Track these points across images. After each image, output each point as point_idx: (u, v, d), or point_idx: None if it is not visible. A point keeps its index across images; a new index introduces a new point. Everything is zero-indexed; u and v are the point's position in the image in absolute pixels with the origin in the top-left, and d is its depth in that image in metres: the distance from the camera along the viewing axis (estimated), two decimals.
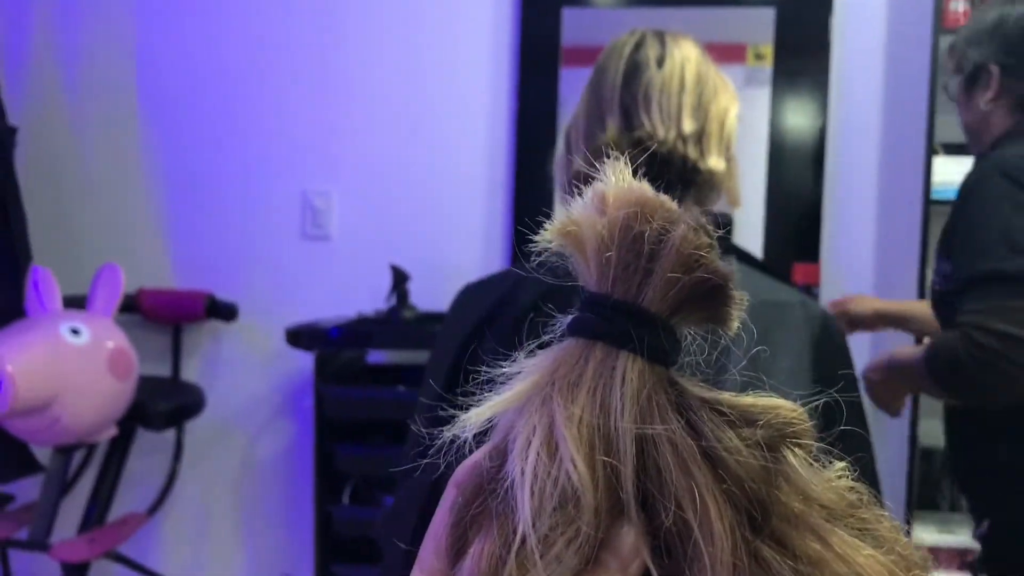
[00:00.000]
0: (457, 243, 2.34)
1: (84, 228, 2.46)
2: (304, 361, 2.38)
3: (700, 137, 1.11)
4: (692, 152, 1.10)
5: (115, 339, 1.96)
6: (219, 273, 2.40)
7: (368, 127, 2.36)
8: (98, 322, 1.96)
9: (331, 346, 1.99)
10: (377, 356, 2.34)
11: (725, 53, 2.17)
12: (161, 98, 2.43)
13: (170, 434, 2.34)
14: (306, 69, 2.37)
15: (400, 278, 2.12)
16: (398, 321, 2.07)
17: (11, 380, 1.72)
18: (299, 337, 2.01)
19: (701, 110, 1.12)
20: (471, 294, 1.20)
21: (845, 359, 1.06)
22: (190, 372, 2.43)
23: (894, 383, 1.46)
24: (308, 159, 2.38)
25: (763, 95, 2.19)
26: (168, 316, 2.33)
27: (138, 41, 2.42)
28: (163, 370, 2.39)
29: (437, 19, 2.32)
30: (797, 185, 2.21)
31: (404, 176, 2.35)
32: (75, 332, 1.88)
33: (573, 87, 2.25)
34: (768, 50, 2.20)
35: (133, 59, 2.43)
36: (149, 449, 2.37)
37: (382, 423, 2.01)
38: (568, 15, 2.24)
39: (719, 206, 1.19)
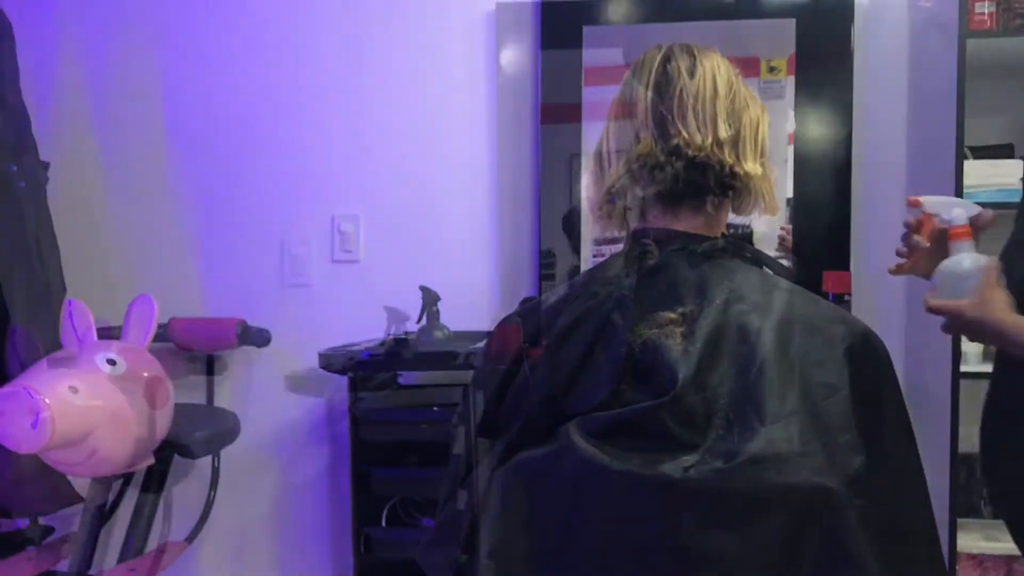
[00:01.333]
0: (484, 262, 2.35)
1: (115, 260, 2.48)
2: (338, 384, 2.38)
3: (736, 142, 1.12)
4: (728, 157, 1.11)
5: (151, 368, 1.97)
6: (250, 299, 2.41)
7: (393, 149, 2.38)
8: (133, 352, 1.97)
9: (365, 369, 1.99)
10: (409, 377, 2.35)
11: (738, 67, 2.17)
12: (188, 128, 2.45)
13: (203, 461, 2.35)
14: (331, 94, 2.40)
15: (430, 299, 2.13)
16: (430, 342, 2.07)
17: (49, 413, 1.73)
18: (332, 361, 2.02)
19: (735, 116, 1.13)
20: (517, 321, 1.22)
21: (887, 377, 1.06)
22: (223, 399, 2.44)
23: (979, 335, 1.30)
24: (336, 183, 2.40)
25: (776, 107, 2.18)
26: (201, 344, 2.34)
27: (165, 72, 2.46)
28: (198, 397, 2.40)
29: (460, 44, 2.34)
30: (824, 194, 2.20)
31: (429, 197, 2.37)
32: (111, 363, 1.89)
33: (594, 101, 2.26)
34: (782, 63, 2.20)
35: (160, 90, 2.46)
36: (182, 476, 2.38)
37: (417, 444, 2.01)
38: (588, 32, 2.25)
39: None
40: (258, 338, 2.28)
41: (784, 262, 2.12)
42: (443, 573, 1.08)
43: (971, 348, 2.04)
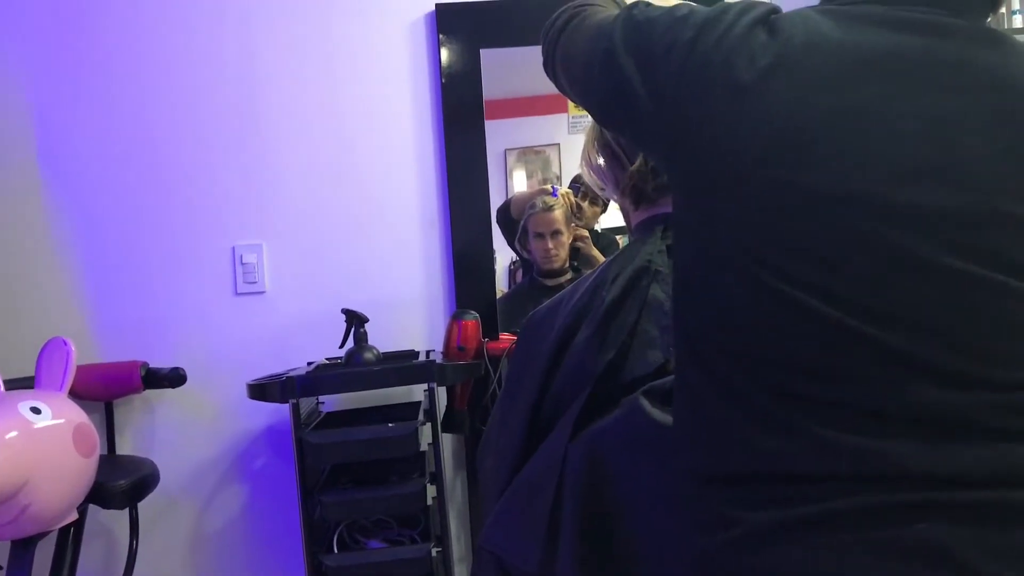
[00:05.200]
0: (396, 284, 2.36)
1: None
2: (253, 421, 2.32)
3: None
4: None
5: (76, 415, 1.85)
6: (151, 341, 2.30)
7: (293, 175, 2.35)
8: (54, 399, 1.84)
9: (304, 394, 1.95)
10: (329, 406, 2.32)
11: None
12: (66, 163, 2.30)
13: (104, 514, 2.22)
14: (226, 121, 2.33)
15: (357, 321, 2.12)
16: (362, 362, 2.07)
17: None
18: (265, 390, 1.96)
19: None
20: (542, 315, 1.28)
21: None
22: (124, 447, 2.31)
23: None
24: (236, 211, 2.34)
25: None
26: (103, 391, 2.20)
27: (36, 104, 2.30)
28: None
29: (358, 63, 2.36)
30: None
31: (334, 222, 2.35)
32: (36, 411, 1.76)
33: (495, 117, 2.35)
34: None
35: (31, 125, 2.30)
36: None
37: (369, 464, 2.00)
38: (486, 55, 2.34)
39: None
40: (170, 379, 2.17)
41: None
42: (526, 551, 1.11)
43: None
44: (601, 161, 1.30)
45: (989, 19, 0.91)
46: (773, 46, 0.81)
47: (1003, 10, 2.35)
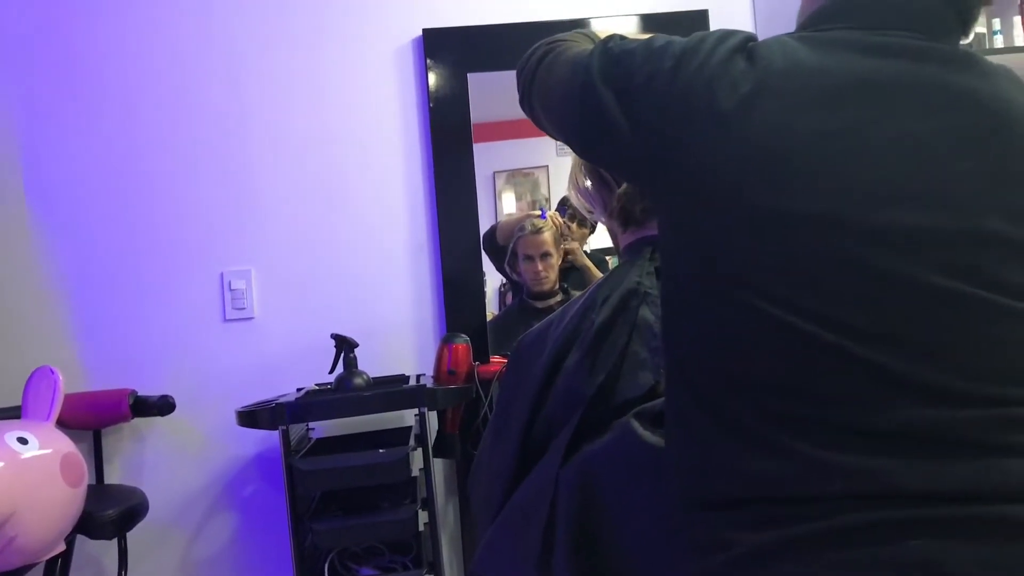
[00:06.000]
0: (386, 308, 2.36)
1: None
2: (243, 449, 2.31)
3: None
4: None
5: (64, 444, 1.84)
6: (139, 369, 2.28)
7: (281, 200, 2.35)
8: (41, 429, 1.83)
9: (293, 421, 1.94)
10: (319, 432, 2.31)
11: None
12: (53, 191, 2.30)
13: (92, 544, 2.19)
14: (213, 147, 2.33)
15: (347, 346, 2.11)
16: (352, 388, 2.05)
17: None
18: (255, 417, 1.95)
19: None
20: (532, 338, 1.28)
21: None
22: (112, 476, 2.29)
23: None
24: (224, 237, 2.33)
25: None
26: (90, 420, 2.18)
27: (23, 132, 2.30)
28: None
29: (346, 88, 2.37)
30: None
31: (323, 247, 2.35)
32: (22, 441, 1.75)
33: (483, 139, 2.36)
34: None
35: (18, 153, 2.29)
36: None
37: (358, 490, 1.99)
38: (473, 79, 2.35)
39: None
40: (159, 406, 2.15)
41: None
42: None
43: None
44: (589, 184, 1.31)
45: (967, 41, 0.92)
46: (753, 73, 0.82)
47: (984, 30, 2.38)
